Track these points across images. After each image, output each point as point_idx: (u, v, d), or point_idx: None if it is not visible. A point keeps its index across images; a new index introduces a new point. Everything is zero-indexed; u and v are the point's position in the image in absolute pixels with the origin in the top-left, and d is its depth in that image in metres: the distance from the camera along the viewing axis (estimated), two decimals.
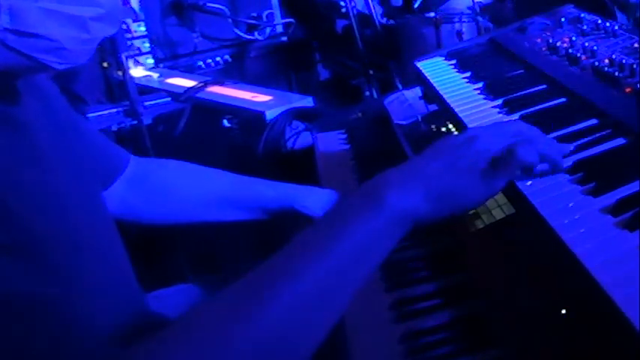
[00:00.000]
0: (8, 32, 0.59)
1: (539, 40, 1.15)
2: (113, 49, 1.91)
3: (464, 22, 2.02)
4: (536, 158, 0.70)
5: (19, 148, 0.63)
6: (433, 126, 1.09)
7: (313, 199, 1.02)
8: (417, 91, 1.28)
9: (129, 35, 2.40)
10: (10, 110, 0.65)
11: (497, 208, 0.84)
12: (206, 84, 2.05)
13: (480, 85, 1.07)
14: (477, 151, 0.67)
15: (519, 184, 0.74)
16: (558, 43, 1.08)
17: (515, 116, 0.92)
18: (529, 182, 0.73)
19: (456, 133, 1.00)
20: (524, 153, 0.67)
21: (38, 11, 0.60)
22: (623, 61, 0.92)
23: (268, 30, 2.65)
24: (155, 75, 2.33)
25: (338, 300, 0.61)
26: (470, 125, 0.94)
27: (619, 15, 1.31)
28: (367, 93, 2.35)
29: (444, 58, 1.26)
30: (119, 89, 2.02)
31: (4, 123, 0.63)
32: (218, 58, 2.64)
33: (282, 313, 0.57)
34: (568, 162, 0.75)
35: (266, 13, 2.63)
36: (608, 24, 1.09)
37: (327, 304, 0.60)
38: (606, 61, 0.96)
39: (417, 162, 0.68)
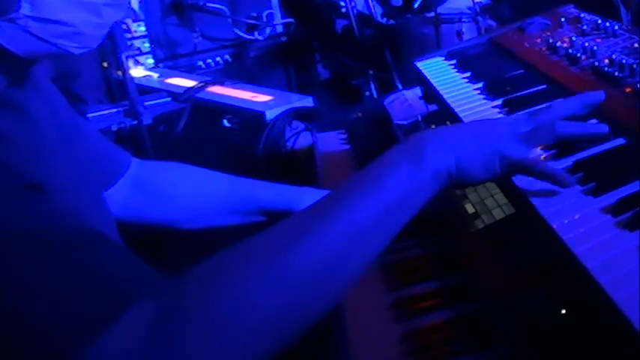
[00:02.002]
0: (30, 19, 0.64)
1: (539, 40, 1.15)
2: (113, 49, 1.91)
3: (464, 22, 2.02)
4: (576, 128, 0.73)
5: (28, 132, 0.64)
6: (433, 126, 1.09)
7: (312, 202, 1.01)
8: (417, 91, 1.28)
9: (129, 35, 2.40)
10: (17, 96, 0.67)
11: (497, 208, 0.84)
12: (206, 84, 2.05)
13: (480, 85, 1.07)
14: (511, 132, 0.70)
15: (519, 184, 0.74)
16: (558, 43, 1.08)
17: None
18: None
19: None
20: (564, 125, 0.71)
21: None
22: (623, 61, 0.92)
23: (268, 30, 2.65)
24: (155, 75, 2.33)
25: (370, 247, 0.63)
26: None
27: (623, 14, 1.31)
28: (367, 93, 2.36)
29: (443, 58, 1.26)
30: (119, 89, 2.02)
31: (17, 110, 0.65)
32: (218, 58, 2.64)
33: (324, 249, 0.59)
34: (568, 162, 0.75)
35: (266, 13, 2.63)
36: (608, 24, 1.09)
37: (360, 249, 0.62)
38: (606, 61, 0.95)
39: (456, 130, 0.72)
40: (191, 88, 2.04)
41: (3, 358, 0.53)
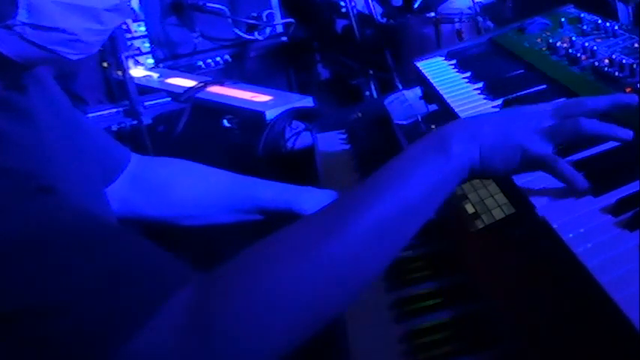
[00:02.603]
0: (27, 27, 0.63)
1: (539, 40, 1.15)
2: (113, 49, 1.91)
3: (464, 22, 2.02)
4: (601, 127, 0.71)
5: (29, 135, 0.64)
6: (433, 126, 1.09)
7: (311, 201, 1.01)
8: (417, 91, 1.28)
9: (129, 35, 2.40)
10: (18, 99, 0.67)
11: (497, 208, 0.84)
12: (206, 84, 2.05)
13: (480, 85, 1.07)
14: (534, 125, 0.70)
15: (519, 184, 0.74)
16: (558, 43, 1.08)
17: None
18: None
19: None
20: (588, 123, 0.69)
21: (55, 5, 0.63)
22: (623, 61, 0.92)
23: (268, 30, 2.65)
24: (155, 75, 2.33)
25: (402, 234, 0.65)
26: None
27: (620, 14, 1.31)
28: (367, 93, 2.35)
29: (443, 58, 1.26)
30: (119, 89, 2.02)
31: (18, 112, 0.65)
32: (218, 58, 2.64)
33: (362, 234, 0.60)
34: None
35: (266, 13, 2.63)
36: (608, 24, 1.09)
37: (394, 239, 0.64)
38: (606, 61, 0.95)
39: (481, 121, 0.71)
40: (191, 88, 2.04)
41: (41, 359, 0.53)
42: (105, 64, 2.05)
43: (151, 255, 0.59)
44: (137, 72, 2.34)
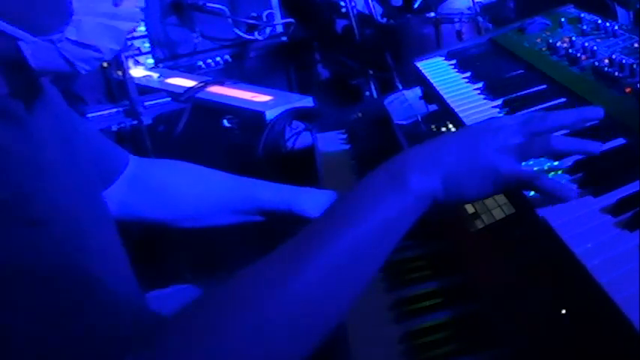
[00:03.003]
0: (69, 42, 0.64)
1: (539, 40, 1.15)
2: None
3: (464, 22, 2.02)
4: (569, 144, 0.68)
5: (25, 146, 0.63)
6: (433, 126, 1.09)
7: (311, 202, 1.01)
8: (417, 91, 1.28)
9: (129, 35, 2.39)
10: (17, 108, 0.66)
11: (497, 208, 0.84)
12: (206, 84, 2.05)
13: (480, 85, 1.07)
14: (500, 144, 0.66)
15: None
16: (558, 43, 1.08)
17: None
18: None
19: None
20: (558, 142, 0.66)
21: (98, 26, 0.66)
22: (623, 61, 0.92)
23: (268, 30, 2.64)
24: (155, 75, 2.33)
25: (359, 275, 0.62)
26: None
27: (619, 14, 1.31)
28: (367, 93, 2.35)
29: (444, 58, 1.26)
30: (119, 89, 2.02)
31: (16, 120, 0.64)
32: (218, 58, 2.64)
33: (313, 280, 0.58)
34: (568, 162, 0.75)
35: (266, 13, 2.63)
36: (608, 24, 1.09)
37: (349, 278, 0.62)
38: (606, 61, 0.95)
39: (440, 146, 0.68)
40: (191, 88, 2.04)
41: None
42: (105, 64, 2.05)
43: (110, 314, 0.58)
44: (137, 72, 2.34)
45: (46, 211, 0.59)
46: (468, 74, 1.13)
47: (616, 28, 1.08)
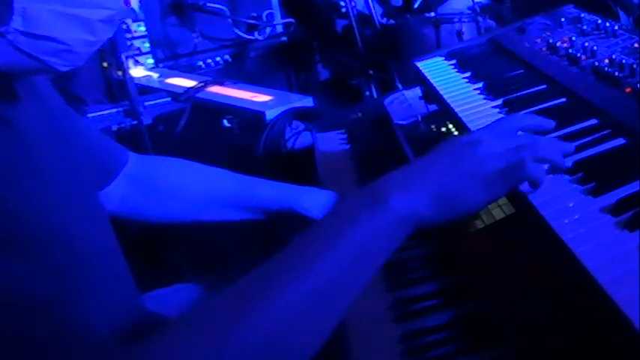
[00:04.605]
0: (19, 34, 0.59)
1: (539, 40, 1.15)
2: (113, 49, 1.91)
3: (464, 22, 2.02)
4: (543, 174, 0.68)
5: (14, 148, 0.62)
6: (433, 126, 1.09)
7: (312, 201, 1.01)
8: (417, 91, 1.28)
9: (129, 35, 2.40)
10: (5, 111, 0.65)
11: (497, 208, 0.84)
12: (206, 84, 2.05)
13: (480, 85, 1.07)
14: (481, 156, 0.66)
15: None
16: (558, 43, 1.08)
17: None
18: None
19: (456, 133, 1.00)
20: (533, 169, 0.66)
21: (50, 14, 0.60)
22: (623, 61, 0.92)
23: (268, 30, 2.65)
24: (155, 75, 2.33)
25: (338, 301, 0.61)
26: (470, 125, 0.94)
27: (621, 14, 1.31)
28: (367, 93, 2.35)
29: (444, 58, 1.26)
30: (119, 89, 2.02)
31: (3, 124, 0.63)
32: (218, 58, 2.64)
33: (284, 311, 0.57)
34: (568, 162, 0.75)
35: (266, 13, 2.63)
36: (608, 24, 1.09)
37: (328, 305, 0.60)
38: (606, 61, 0.95)
39: (421, 165, 0.67)
40: (191, 88, 2.04)
41: None
42: (105, 64, 2.05)
43: (93, 328, 0.57)
44: (137, 72, 2.34)
45: (30, 228, 0.57)
46: (467, 74, 1.13)
47: (616, 28, 1.08)
